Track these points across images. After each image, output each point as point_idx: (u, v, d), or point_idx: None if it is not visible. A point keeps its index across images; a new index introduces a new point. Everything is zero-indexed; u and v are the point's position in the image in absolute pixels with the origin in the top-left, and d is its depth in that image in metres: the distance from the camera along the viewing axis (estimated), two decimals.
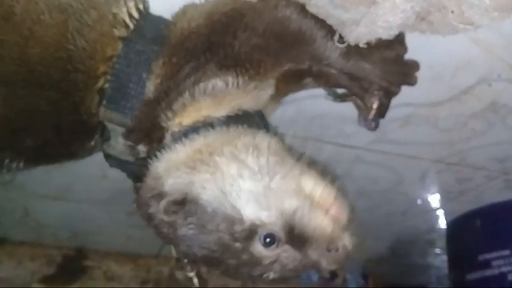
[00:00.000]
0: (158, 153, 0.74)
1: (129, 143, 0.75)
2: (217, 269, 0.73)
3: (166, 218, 0.70)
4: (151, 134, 0.75)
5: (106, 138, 0.78)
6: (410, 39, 0.77)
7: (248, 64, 0.73)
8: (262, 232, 0.68)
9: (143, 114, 0.74)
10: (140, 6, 0.77)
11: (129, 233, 1.81)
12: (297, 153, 0.76)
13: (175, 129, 0.74)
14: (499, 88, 1.01)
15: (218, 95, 0.73)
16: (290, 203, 0.68)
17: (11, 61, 0.70)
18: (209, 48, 0.73)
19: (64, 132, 0.76)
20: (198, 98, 0.73)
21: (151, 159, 0.74)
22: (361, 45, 0.70)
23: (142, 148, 0.75)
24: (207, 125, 0.74)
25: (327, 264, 0.69)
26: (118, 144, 0.77)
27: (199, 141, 0.73)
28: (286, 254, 0.69)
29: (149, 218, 0.73)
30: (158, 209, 0.71)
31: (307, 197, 0.69)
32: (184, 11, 0.78)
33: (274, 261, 0.69)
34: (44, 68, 0.71)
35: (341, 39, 0.71)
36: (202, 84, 0.72)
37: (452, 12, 0.67)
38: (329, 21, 0.70)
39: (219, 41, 0.73)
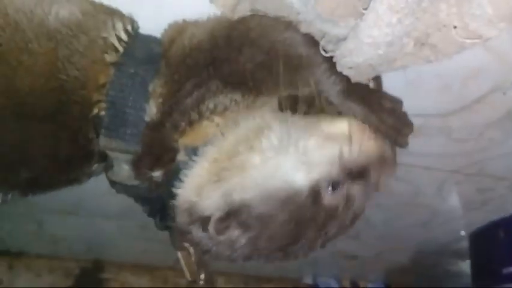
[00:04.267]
0: (177, 177, 0.71)
1: (142, 171, 0.73)
2: (296, 252, 0.72)
3: (222, 237, 0.68)
4: (162, 157, 0.72)
5: (109, 166, 0.75)
6: None
7: (252, 82, 0.71)
8: (324, 185, 0.68)
9: (149, 139, 0.71)
10: (129, 28, 0.75)
11: (143, 246, 1.81)
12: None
13: (186, 147, 0.71)
14: None
15: (225, 113, 0.71)
16: (330, 149, 0.69)
17: None
18: (212, 63, 0.70)
19: (61, 161, 0.74)
20: (205, 116, 0.71)
21: (170, 184, 0.72)
22: (346, 71, 0.65)
23: (157, 174, 0.73)
24: (217, 135, 0.71)
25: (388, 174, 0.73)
26: (123, 170, 0.74)
27: (211, 152, 0.70)
28: (353, 188, 0.70)
29: (196, 245, 0.72)
30: (207, 234, 0.68)
31: (338, 136, 0.69)
32: (182, 27, 0.75)
33: (347, 201, 0.69)
34: (36, 100, 0.69)
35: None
36: (208, 102, 0.70)
37: (455, 27, 0.61)
38: (317, 36, 0.65)
39: (222, 56, 0.70)
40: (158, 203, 0.77)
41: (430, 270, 2.11)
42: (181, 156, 0.71)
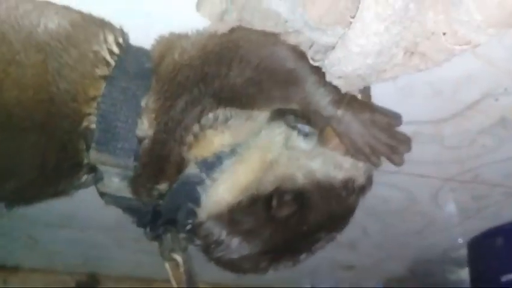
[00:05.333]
0: (190, 187, 0.72)
1: (144, 186, 0.73)
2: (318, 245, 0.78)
3: (284, 212, 0.73)
4: (164, 171, 0.72)
5: (98, 178, 0.74)
6: None
7: (245, 98, 0.71)
8: (351, 185, 0.77)
9: (147, 156, 0.71)
10: (120, 40, 0.74)
11: (139, 258, 1.76)
12: None
13: (196, 159, 0.72)
14: (507, 103, 0.95)
15: (227, 122, 0.72)
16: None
17: None
18: (202, 79, 0.70)
19: (49, 173, 0.72)
20: (208, 126, 0.71)
21: (180, 194, 0.73)
22: (335, 81, 0.65)
23: (162, 187, 0.73)
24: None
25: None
26: (113, 183, 0.74)
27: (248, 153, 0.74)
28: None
29: (246, 234, 0.74)
30: (268, 210, 0.72)
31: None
32: (171, 42, 0.75)
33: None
34: (24, 112, 0.68)
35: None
36: (208, 116, 0.70)
37: (444, 34, 0.60)
38: (304, 46, 0.65)
39: (213, 72, 0.70)
40: (149, 214, 0.77)
41: (428, 278, 2.09)
42: (191, 169, 0.72)
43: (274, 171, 0.73)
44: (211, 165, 0.72)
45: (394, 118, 0.75)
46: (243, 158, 0.73)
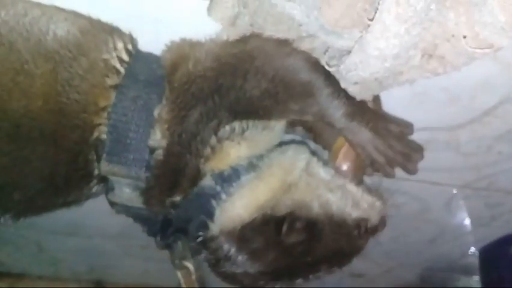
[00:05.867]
0: (205, 200, 0.71)
1: (158, 198, 0.72)
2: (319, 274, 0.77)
3: (292, 238, 0.71)
4: (180, 184, 0.71)
5: (109, 188, 0.73)
6: None
7: (261, 110, 0.70)
8: (364, 224, 0.75)
9: (160, 168, 0.70)
10: (129, 46, 0.73)
11: (145, 266, 1.79)
12: None
13: (212, 171, 0.71)
14: None
15: (244, 134, 0.71)
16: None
17: None
18: (217, 91, 0.69)
19: (59, 183, 0.71)
20: (224, 141, 0.70)
21: (195, 206, 0.72)
22: (351, 88, 0.64)
23: (176, 198, 0.72)
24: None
25: None
26: (124, 193, 0.72)
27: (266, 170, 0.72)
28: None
29: (254, 253, 0.72)
30: (276, 234, 0.70)
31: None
32: (184, 51, 0.73)
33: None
34: (33, 122, 0.66)
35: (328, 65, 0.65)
36: (224, 128, 0.70)
37: (465, 37, 0.58)
38: (319, 52, 0.63)
39: (228, 84, 0.69)
40: (159, 222, 0.76)
41: (439, 286, 2.07)
42: (207, 181, 0.70)
43: (292, 195, 0.72)
44: (227, 178, 0.70)
45: (406, 127, 0.75)
46: (263, 175, 0.72)
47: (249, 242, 0.71)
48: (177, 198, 0.72)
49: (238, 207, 0.71)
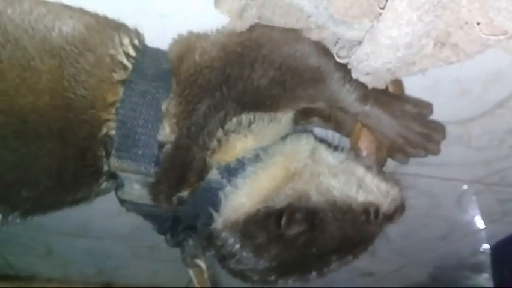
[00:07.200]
0: (211, 194, 0.71)
1: (165, 193, 0.72)
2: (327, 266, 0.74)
3: (293, 230, 0.69)
4: (187, 179, 0.71)
5: (119, 185, 0.73)
6: None
7: (269, 100, 0.70)
8: (373, 210, 0.72)
9: (169, 162, 0.70)
10: (136, 42, 0.73)
11: (154, 267, 1.78)
12: None
13: (218, 165, 0.70)
14: None
15: (251, 126, 0.71)
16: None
17: None
18: (225, 81, 0.68)
19: (67, 180, 0.71)
20: (231, 131, 0.70)
21: (201, 201, 0.71)
22: (363, 78, 0.62)
23: (184, 193, 0.72)
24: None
25: None
26: (134, 190, 0.72)
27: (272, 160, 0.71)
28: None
29: (258, 248, 0.71)
30: (276, 228, 0.69)
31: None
32: (190, 43, 0.73)
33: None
34: (40, 118, 0.66)
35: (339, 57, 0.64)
36: (231, 121, 0.69)
37: (478, 24, 0.57)
38: (328, 43, 0.62)
39: (235, 74, 0.68)
40: (169, 220, 0.76)
41: (450, 285, 2.06)
42: (213, 175, 0.70)
43: (294, 184, 0.71)
44: (233, 171, 0.70)
45: (425, 107, 0.74)
46: (267, 164, 0.71)
47: (252, 237, 0.70)
48: (184, 193, 0.71)
49: (241, 197, 0.70)
